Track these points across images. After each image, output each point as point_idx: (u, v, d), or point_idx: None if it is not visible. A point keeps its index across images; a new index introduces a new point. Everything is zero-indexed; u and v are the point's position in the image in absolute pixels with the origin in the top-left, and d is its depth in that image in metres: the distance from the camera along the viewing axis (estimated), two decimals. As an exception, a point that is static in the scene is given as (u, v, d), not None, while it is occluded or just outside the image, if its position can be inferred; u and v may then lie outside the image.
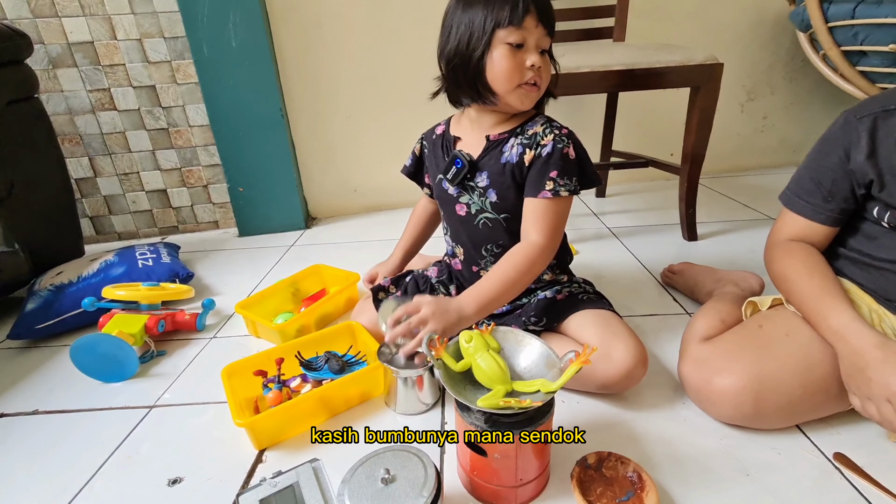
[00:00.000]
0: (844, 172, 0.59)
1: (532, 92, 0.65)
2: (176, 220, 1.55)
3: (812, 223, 0.63)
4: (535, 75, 0.63)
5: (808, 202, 0.63)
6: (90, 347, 0.78)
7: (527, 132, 0.69)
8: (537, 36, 0.62)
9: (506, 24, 0.61)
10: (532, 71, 0.63)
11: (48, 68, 1.32)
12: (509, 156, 0.69)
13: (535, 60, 0.62)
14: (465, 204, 0.74)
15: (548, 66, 0.66)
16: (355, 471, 0.48)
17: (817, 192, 0.62)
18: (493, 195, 0.71)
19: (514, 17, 0.61)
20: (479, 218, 0.73)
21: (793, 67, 1.61)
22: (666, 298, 0.95)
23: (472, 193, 0.73)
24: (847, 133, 0.58)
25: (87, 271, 1.02)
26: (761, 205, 1.40)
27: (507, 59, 0.62)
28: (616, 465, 0.55)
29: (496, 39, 0.62)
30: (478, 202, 0.72)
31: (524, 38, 0.62)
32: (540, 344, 0.57)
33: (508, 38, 0.62)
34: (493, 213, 0.72)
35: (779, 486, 0.54)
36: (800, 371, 0.56)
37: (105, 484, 0.61)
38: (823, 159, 0.62)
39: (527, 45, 0.63)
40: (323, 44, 1.42)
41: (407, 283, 0.84)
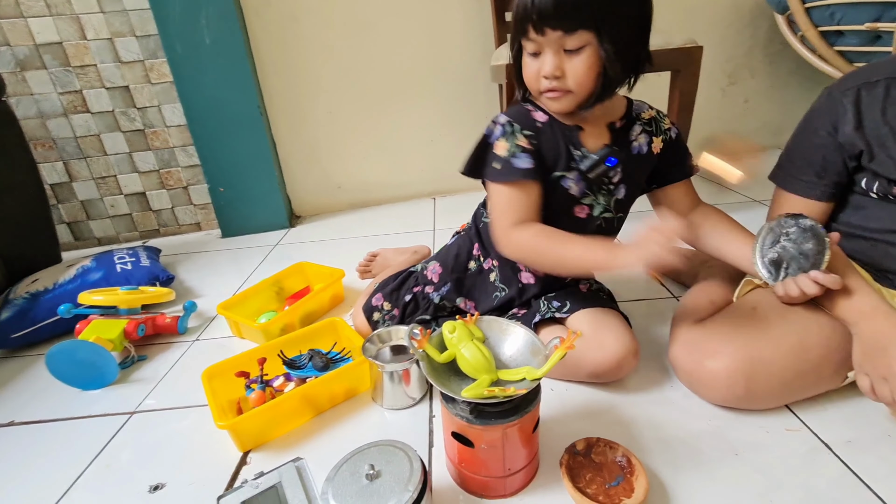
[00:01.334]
0: (835, 146, 0.60)
1: (557, 99, 0.59)
2: (157, 224, 1.51)
3: (808, 200, 0.63)
4: (554, 83, 0.58)
5: (801, 180, 0.64)
6: (67, 354, 0.76)
7: (642, 117, 0.66)
8: (552, 41, 0.56)
9: (521, 34, 0.58)
10: (546, 80, 0.58)
11: (16, 70, 1.28)
12: (639, 145, 0.65)
13: (546, 70, 0.57)
14: (587, 205, 0.66)
15: (579, 68, 0.56)
16: (339, 468, 0.47)
17: (809, 169, 0.62)
18: (622, 191, 0.66)
19: (521, 28, 0.57)
20: (596, 221, 0.67)
21: (772, 50, 1.62)
22: (652, 283, 0.94)
23: (597, 194, 0.65)
24: (832, 107, 0.59)
25: (64, 278, 1.00)
26: (745, 188, 1.40)
27: (526, 67, 0.61)
28: (605, 450, 0.54)
29: (523, 45, 0.60)
30: (602, 202, 0.66)
31: (537, 48, 0.58)
32: (525, 332, 0.56)
33: (526, 48, 0.59)
34: (612, 213, 0.67)
35: (768, 464, 0.54)
36: (794, 353, 0.56)
37: (82, 495, 0.59)
38: (812, 136, 0.62)
39: (542, 52, 0.57)
40: (300, 38, 1.39)
41: (405, 303, 0.77)
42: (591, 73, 0.57)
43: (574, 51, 0.56)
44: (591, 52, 0.56)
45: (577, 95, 0.59)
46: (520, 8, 0.56)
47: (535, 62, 0.58)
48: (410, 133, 1.55)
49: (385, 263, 1.04)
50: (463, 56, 1.45)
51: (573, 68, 0.56)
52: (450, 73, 1.47)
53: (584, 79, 0.57)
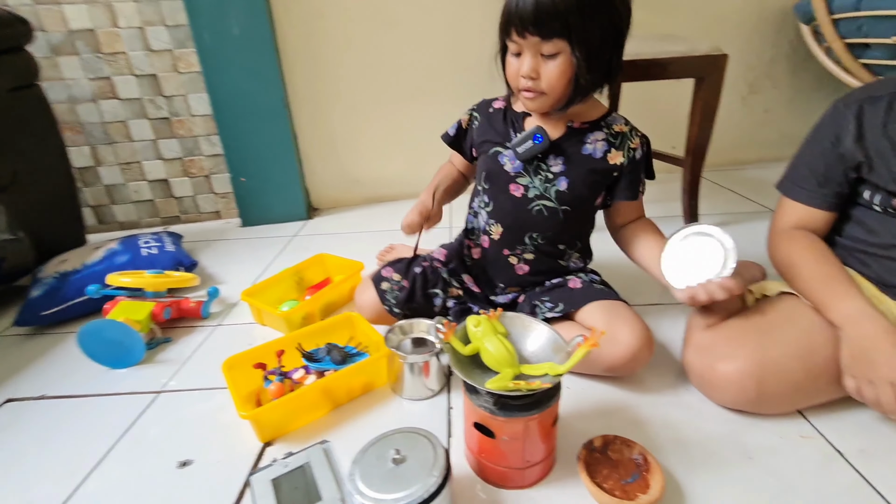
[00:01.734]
0: (836, 156, 0.62)
1: (532, 98, 0.65)
2: (178, 210, 1.54)
3: (810, 209, 0.65)
4: (529, 83, 0.63)
5: (804, 188, 0.65)
6: (97, 333, 0.79)
7: (612, 128, 0.70)
8: (530, 45, 0.61)
9: (505, 35, 0.64)
10: (523, 79, 0.63)
11: (49, 56, 1.31)
12: (593, 149, 0.69)
13: (523, 70, 0.63)
14: (522, 185, 0.72)
15: (553, 72, 0.62)
16: (366, 451, 0.49)
17: (812, 178, 0.64)
18: (562, 183, 0.70)
19: (505, 30, 0.63)
20: (534, 204, 0.72)
21: (795, 60, 1.61)
22: (668, 288, 0.95)
23: (534, 176, 0.71)
24: (836, 119, 0.62)
25: (92, 259, 1.02)
26: (762, 197, 1.40)
27: (508, 66, 0.66)
28: (621, 448, 0.56)
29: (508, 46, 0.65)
30: (539, 187, 0.71)
31: (518, 49, 0.63)
32: (547, 329, 0.57)
33: (509, 48, 0.65)
34: (554, 203, 0.71)
35: (781, 468, 0.55)
36: (802, 356, 0.57)
37: (115, 466, 0.62)
38: (816, 146, 0.64)
39: (523, 54, 0.63)
40: (325, 34, 1.41)
41: (415, 275, 0.80)
42: (563, 79, 0.62)
43: (550, 56, 0.61)
44: (564, 60, 0.61)
45: (551, 97, 0.65)
46: (506, 10, 0.62)
47: (516, 62, 0.64)
48: (428, 130, 1.55)
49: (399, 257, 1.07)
50: (483, 54, 1.45)
51: (547, 72, 0.62)
52: (469, 71, 1.48)
53: (556, 83, 0.63)
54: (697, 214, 1.21)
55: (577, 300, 0.72)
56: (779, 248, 0.65)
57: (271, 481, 0.48)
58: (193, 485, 0.58)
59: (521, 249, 0.75)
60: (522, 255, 0.75)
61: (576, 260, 0.79)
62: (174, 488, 0.57)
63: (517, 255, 0.76)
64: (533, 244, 0.74)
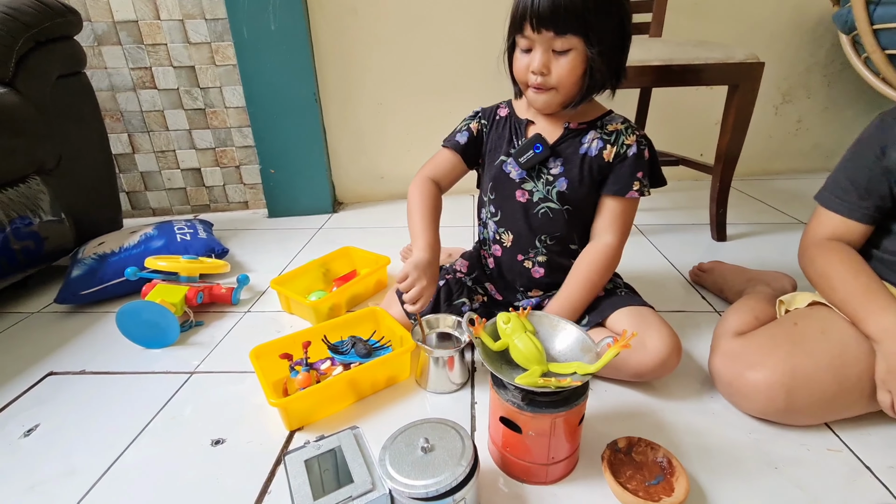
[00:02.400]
0: (881, 170, 0.61)
1: (540, 94, 0.66)
2: (208, 199, 1.59)
3: (848, 221, 0.64)
4: (539, 79, 0.64)
5: (844, 200, 0.64)
6: (135, 313, 0.82)
7: (606, 127, 0.70)
8: (543, 40, 0.62)
9: (517, 31, 0.64)
10: (533, 75, 0.64)
11: (94, 45, 1.36)
12: (589, 148, 0.70)
13: (534, 65, 0.63)
14: (527, 191, 0.73)
15: (564, 68, 0.63)
16: (395, 438, 0.51)
17: (853, 191, 0.63)
18: (562, 184, 0.71)
19: (517, 25, 0.64)
20: (539, 207, 0.73)
21: (832, 71, 1.58)
22: (694, 296, 0.95)
23: (537, 181, 0.72)
24: (883, 132, 0.61)
25: (129, 242, 1.06)
26: (792, 209, 1.38)
27: (517, 61, 0.67)
28: (646, 450, 0.56)
29: (516, 41, 0.66)
30: (542, 190, 0.72)
31: (530, 45, 0.64)
32: (575, 329, 0.58)
33: (519, 44, 0.65)
34: (557, 204, 0.72)
35: (807, 480, 0.54)
36: (834, 368, 0.57)
37: (152, 441, 0.64)
38: (859, 158, 0.63)
39: (533, 49, 0.64)
40: (357, 30, 1.43)
41: (439, 288, 0.78)
42: (574, 75, 0.64)
43: (561, 52, 0.62)
44: (576, 56, 0.62)
45: (559, 94, 0.66)
46: (519, 6, 0.62)
47: (526, 57, 0.65)
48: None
49: None
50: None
51: (559, 67, 0.63)
52: (496, 69, 1.48)
53: (567, 79, 0.64)
54: (725, 224, 1.20)
55: (604, 310, 0.72)
56: (813, 260, 0.64)
57: (304, 462, 0.50)
58: (226, 463, 0.60)
59: (534, 253, 0.76)
60: (536, 259, 0.76)
61: None
62: (208, 465, 0.60)
63: (531, 258, 0.76)
64: (544, 247, 0.75)
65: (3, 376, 0.79)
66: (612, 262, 0.71)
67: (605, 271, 0.71)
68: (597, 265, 0.71)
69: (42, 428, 0.67)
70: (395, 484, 0.46)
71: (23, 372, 0.79)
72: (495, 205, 0.77)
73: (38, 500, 0.56)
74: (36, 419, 0.69)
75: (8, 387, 0.76)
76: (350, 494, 0.46)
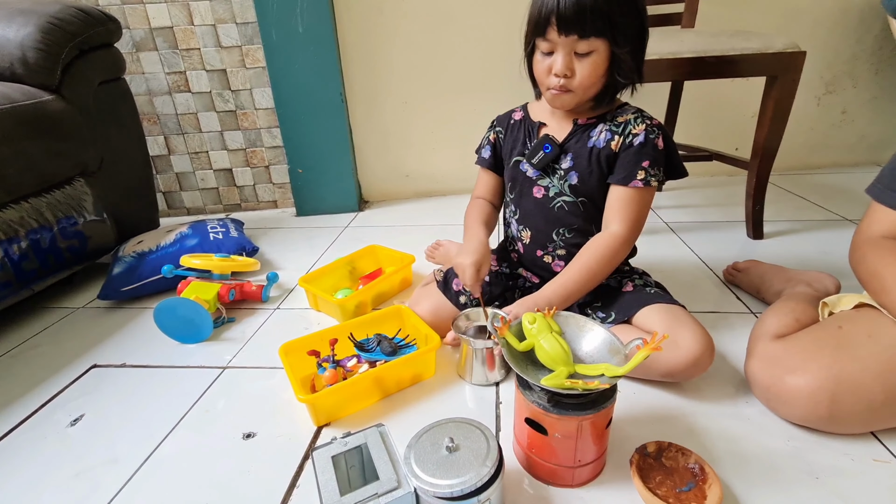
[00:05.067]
0: None
1: (560, 95, 0.66)
2: (239, 198, 1.63)
3: None
4: (562, 81, 0.64)
5: None
6: (171, 309, 0.85)
7: (616, 119, 0.70)
8: (566, 43, 0.62)
9: (538, 34, 0.64)
10: (556, 77, 0.64)
11: (132, 51, 1.42)
12: (597, 140, 0.70)
13: (557, 68, 0.63)
14: (543, 187, 0.75)
15: (587, 69, 0.63)
16: (420, 437, 0.51)
17: None
18: (574, 178, 0.71)
19: (539, 29, 0.63)
20: (556, 201, 0.74)
21: (880, 58, 1.49)
22: (728, 296, 0.91)
23: (552, 176, 0.73)
24: None
25: (165, 241, 1.11)
26: (835, 205, 1.31)
27: (538, 64, 0.67)
28: (676, 455, 0.54)
29: (536, 44, 0.66)
30: (557, 185, 0.73)
31: (551, 48, 0.64)
32: (603, 330, 0.57)
33: (540, 47, 0.65)
34: (571, 196, 0.73)
35: (851, 492, 0.52)
36: (882, 374, 0.53)
37: (187, 433, 0.67)
38: None
39: (555, 52, 0.64)
40: (383, 29, 1.44)
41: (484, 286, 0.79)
42: (594, 76, 0.64)
43: (584, 54, 0.62)
44: (598, 58, 0.62)
45: (577, 95, 0.66)
46: (542, 9, 0.62)
47: (548, 60, 0.65)
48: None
49: (447, 254, 1.09)
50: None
51: (581, 69, 0.63)
52: (522, 69, 1.47)
53: (588, 80, 0.64)
54: (762, 221, 1.15)
55: (630, 307, 0.71)
56: (864, 258, 0.60)
57: (331, 458, 0.51)
58: (257, 456, 0.62)
59: (553, 247, 0.76)
60: (555, 252, 0.76)
61: None
62: (240, 458, 0.62)
63: (550, 253, 0.77)
64: (562, 240, 0.75)
65: (51, 368, 0.83)
66: (616, 252, 0.69)
67: (607, 261, 0.68)
68: (599, 254, 0.68)
69: (87, 418, 0.71)
70: (421, 483, 0.46)
71: (69, 364, 0.84)
72: (515, 203, 0.79)
73: (84, 485, 0.60)
74: (81, 409, 0.73)
75: (56, 378, 0.80)
76: (376, 491, 0.47)
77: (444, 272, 0.85)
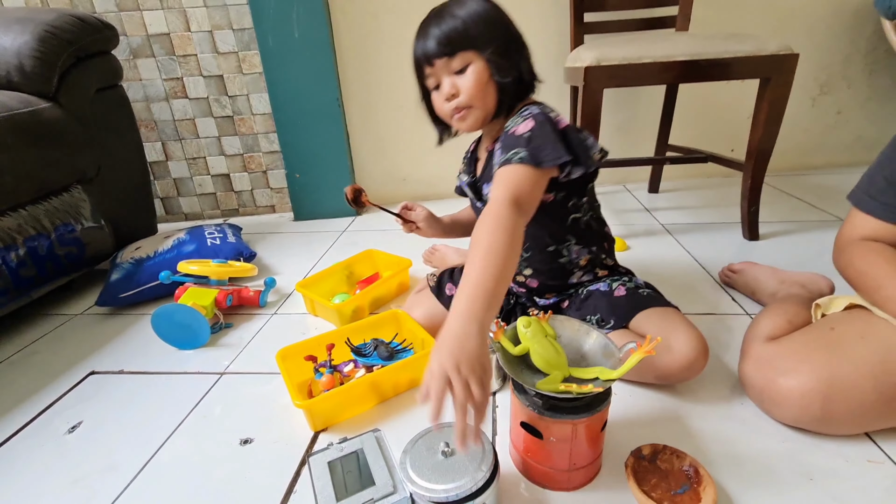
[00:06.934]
0: None
1: (463, 117, 0.67)
2: (237, 204, 1.64)
3: (884, 224, 0.60)
4: (454, 102, 0.65)
5: (880, 202, 0.61)
6: (169, 316, 0.85)
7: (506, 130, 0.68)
8: (442, 67, 0.64)
9: (421, 74, 0.67)
10: (447, 102, 0.66)
11: (129, 58, 1.43)
12: (496, 160, 0.66)
13: (445, 91, 0.65)
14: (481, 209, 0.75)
15: (470, 80, 0.64)
16: (416, 442, 0.51)
17: (891, 191, 0.59)
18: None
19: (420, 69, 0.67)
20: None
21: (873, 59, 1.50)
22: (724, 298, 0.92)
23: (480, 201, 0.77)
24: None
25: (163, 247, 1.11)
26: (830, 205, 1.32)
27: (435, 102, 0.69)
28: (671, 458, 0.55)
29: (427, 84, 0.69)
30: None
31: (436, 79, 0.66)
32: (598, 334, 0.57)
33: (429, 84, 0.68)
34: None
35: (845, 493, 0.52)
36: (875, 375, 0.54)
37: (185, 439, 0.67)
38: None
39: (441, 82, 0.66)
40: (378, 34, 1.45)
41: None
42: (481, 83, 0.64)
43: (461, 70, 0.65)
44: (475, 68, 0.64)
45: (478, 109, 0.66)
46: (415, 54, 0.67)
47: (439, 94, 0.67)
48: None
49: (443, 259, 1.10)
50: (537, 56, 1.45)
51: (464, 83, 0.65)
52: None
53: (475, 89, 0.65)
54: (758, 222, 1.15)
55: (627, 312, 0.71)
56: (853, 260, 0.61)
57: (328, 463, 0.51)
58: (254, 462, 0.62)
59: (519, 268, 0.77)
60: (522, 272, 0.77)
61: (578, 251, 0.74)
62: (237, 463, 0.62)
63: (520, 274, 0.78)
64: (523, 260, 0.76)
65: (49, 375, 0.83)
66: (499, 215, 0.55)
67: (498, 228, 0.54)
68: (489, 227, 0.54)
69: (85, 425, 0.71)
70: (416, 488, 0.46)
71: (67, 371, 0.84)
72: None
73: (82, 493, 0.60)
74: (79, 416, 0.73)
75: (54, 385, 0.81)
76: (372, 497, 0.47)
77: (438, 277, 0.86)
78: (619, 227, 1.30)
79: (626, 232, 1.26)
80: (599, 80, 1.03)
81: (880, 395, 0.54)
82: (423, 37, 0.65)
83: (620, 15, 1.32)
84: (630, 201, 1.49)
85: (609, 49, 1.03)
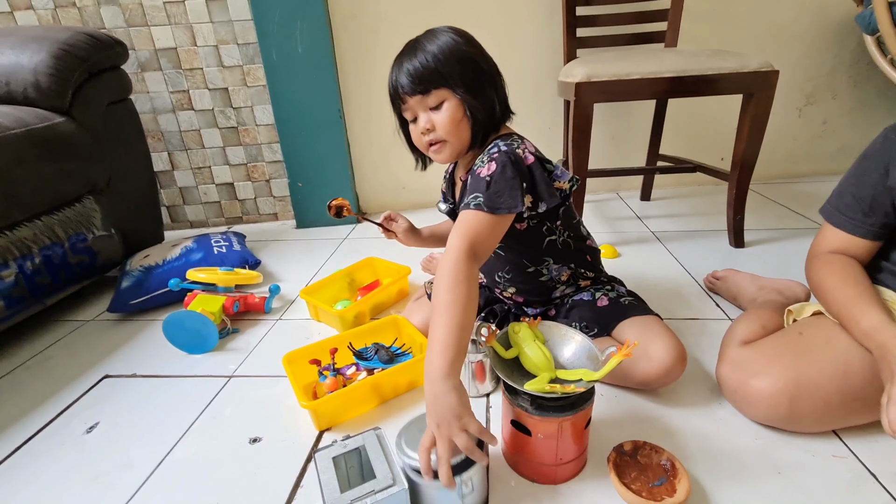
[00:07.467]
0: (884, 188, 0.61)
1: (438, 150, 0.70)
2: (240, 212, 1.68)
3: (852, 237, 0.65)
4: (430, 136, 0.68)
5: (848, 217, 0.65)
6: (179, 322, 0.90)
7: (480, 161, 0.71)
8: (418, 103, 0.67)
9: (397, 108, 0.71)
10: (423, 135, 0.69)
11: (137, 72, 1.48)
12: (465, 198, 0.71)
13: (421, 125, 0.68)
14: None
15: (445, 117, 0.66)
16: (410, 425, 0.57)
17: (857, 207, 0.64)
18: None
19: (396, 103, 0.70)
20: None
21: (857, 71, 1.55)
22: (708, 304, 0.96)
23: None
24: (887, 149, 0.61)
25: (171, 255, 1.15)
26: (813, 213, 1.37)
27: (413, 133, 0.72)
28: (650, 453, 0.59)
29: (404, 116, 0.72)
30: None
31: (413, 113, 0.69)
32: (582, 338, 0.61)
33: (406, 117, 0.71)
34: None
35: (810, 485, 0.56)
36: (837, 377, 0.58)
37: (197, 439, 0.71)
38: (864, 175, 0.64)
39: (417, 117, 0.69)
40: (379, 48, 1.50)
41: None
42: (455, 120, 0.67)
43: (436, 107, 0.67)
44: (450, 104, 0.66)
45: (452, 143, 0.69)
46: (390, 89, 0.69)
47: (416, 127, 0.70)
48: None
49: None
50: (531, 70, 1.50)
51: (439, 119, 0.67)
52: (517, 87, 1.51)
53: (450, 125, 0.67)
54: (743, 229, 1.20)
55: (609, 322, 0.75)
56: (814, 272, 0.66)
57: (332, 459, 0.55)
58: (263, 459, 0.66)
59: (501, 287, 0.82)
60: (507, 290, 0.82)
61: (558, 269, 0.77)
62: (247, 461, 0.66)
63: (503, 290, 0.83)
64: (505, 281, 0.80)
65: (65, 378, 0.88)
66: (456, 265, 0.58)
67: (455, 279, 0.57)
68: (448, 279, 0.58)
69: (101, 425, 0.75)
70: (410, 460, 0.52)
71: (82, 375, 0.88)
72: None
73: (101, 489, 0.64)
74: (96, 417, 0.77)
75: (70, 388, 0.85)
76: (373, 489, 0.51)
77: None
78: (611, 234, 1.35)
79: (618, 239, 1.31)
80: (590, 95, 1.08)
81: (842, 396, 0.58)
82: (398, 72, 0.67)
83: (612, 30, 1.37)
84: (623, 209, 1.54)
85: (599, 65, 1.07)
